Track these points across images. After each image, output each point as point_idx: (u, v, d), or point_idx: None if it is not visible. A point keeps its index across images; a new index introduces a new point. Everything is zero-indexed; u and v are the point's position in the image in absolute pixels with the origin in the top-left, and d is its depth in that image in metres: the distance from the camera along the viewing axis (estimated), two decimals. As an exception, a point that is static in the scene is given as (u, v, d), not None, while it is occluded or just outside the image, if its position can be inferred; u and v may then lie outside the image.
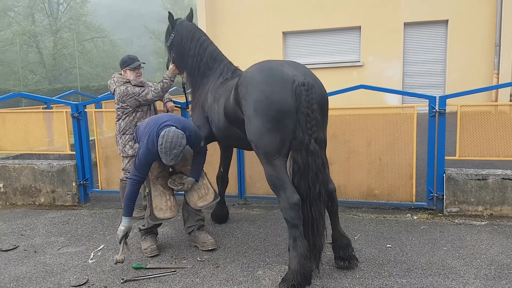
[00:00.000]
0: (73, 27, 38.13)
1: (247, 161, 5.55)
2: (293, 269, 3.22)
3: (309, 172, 3.20)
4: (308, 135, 3.16)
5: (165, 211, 3.97)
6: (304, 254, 3.21)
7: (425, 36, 12.84)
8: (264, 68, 3.42)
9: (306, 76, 3.29)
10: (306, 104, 3.14)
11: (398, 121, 5.01)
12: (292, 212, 3.21)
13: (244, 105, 3.38)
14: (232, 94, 3.64)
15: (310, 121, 3.16)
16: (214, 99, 4.16)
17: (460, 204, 4.86)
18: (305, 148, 3.17)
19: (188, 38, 4.62)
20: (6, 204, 6.11)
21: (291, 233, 3.26)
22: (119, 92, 4.92)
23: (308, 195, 3.23)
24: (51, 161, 6.10)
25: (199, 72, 4.55)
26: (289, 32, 14.00)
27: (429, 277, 3.44)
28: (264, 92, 3.22)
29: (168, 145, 3.55)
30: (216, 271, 3.68)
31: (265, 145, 3.27)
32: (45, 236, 4.74)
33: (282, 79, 3.24)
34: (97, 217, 5.36)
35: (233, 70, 4.42)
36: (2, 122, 6.31)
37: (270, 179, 3.36)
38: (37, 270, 3.86)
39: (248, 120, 3.36)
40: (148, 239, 4.15)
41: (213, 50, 4.60)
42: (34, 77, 36.09)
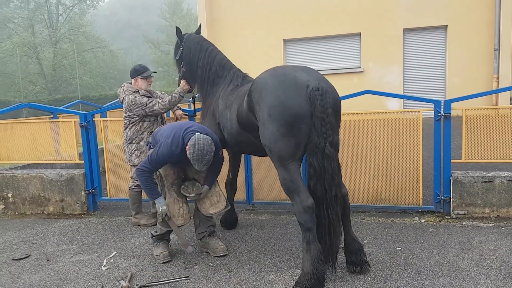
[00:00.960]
0: (73, 37, 38.30)
1: (255, 167, 5.60)
2: (307, 272, 3.27)
3: (325, 175, 3.26)
4: (323, 138, 3.22)
5: (177, 218, 4.03)
6: (318, 257, 3.25)
7: (425, 42, 12.95)
8: (277, 74, 3.47)
9: (320, 81, 3.36)
10: (321, 108, 3.21)
11: (404, 125, 5.08)
12: (306, 215, 3.26)
13: (258, 111, 3.43)
14: (245, 100, 3.69)
15: (325, 125, 3.22)
16: (225, 106, 4.22)
17: (467, 207, 4.91)
18: (320, 152, 3.23)
19: (196, 50, 4.70)
20: (15, 213, 6.15)
21: (305, 236, 3.31)
22: (127, 101, 4.99)
23: (324, 198, 3.28)
24: (60, 171, 6.15)
25: (209, 81, 4.61)
26: (290, 39, 14.10)
27: (440, 279, 3.48)
28: (279, 98, 3.28)
29: (200, 153, 3.62)
30: (229, 276, 3.72)
31: (280, 150, 3.32)
32: (56, 244, 4.78)
33: (296, 84, 3.30)
34: (106, 225, 5.40)
35: (243, 77, 4.49)
36: (11, 132, 6.37)
37: (284, 183, 3.40)
38: (51, 278, 3.90)
39: (262, 125, 3.41)
40: (160, 245, 4.19)
41: (221, 59, 4.68)
42: (34, 88, 36.20)
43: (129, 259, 4.21)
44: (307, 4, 13.65)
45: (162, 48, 43.63)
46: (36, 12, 38.79)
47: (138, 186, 5.25)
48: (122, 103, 5.14)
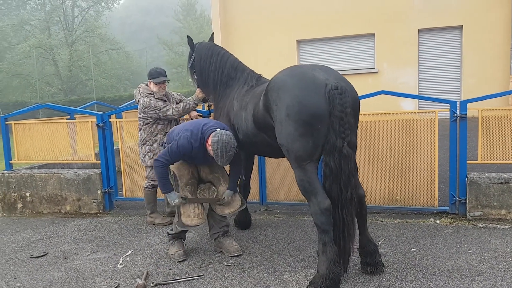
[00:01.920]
0: (88, 39, 38.76)
1: (268, 168, 5.62)
2: (322, 274, 3.27)
3: (342, 175, 3.24)
4: (341, 138, 3.21)
5: (192, 218, 4.04)
6: (334, 260, 3.25)
7: (440, 42, 12.84)
8: (295, 73, 3.45)
9: (338, 80, 3.32)
10: (340, 107, 3.18)
11: (419, 126, 5.05)
12: (323, 217, 3.26)
13: (275, 110, 3.42)
14: (262, 100, 3.69)
15: (343, 124, 3.20)
16: (240, 107, 4.22)
17: (483, 208, 4.86)
18: (337, 152, 3.21)
19: (207, 56, 4.73)
20: (32, 212, 6.26)
21: (321, 238, 3.30)
22: (142, 103, 5.06)
23: (339, 199, 3.27)
24: (77, 170, 6.25)
25: (221, 84, 4.62)
26: (304, 40, 14.10)
27: (456, 280, 3.46)
28: (297, 97, 3.25)
29: (224, 149, 3.68)
30: (243, 275, 3.74)
31: (297, 150, 3.31)
32: (73, 243, 4.86)
33: (314, 84, 3.27)
34: (122, 224, 5.47)
35: (257, 78, 4.49)
36: (29, 132, 6.49)
37: (301, 184, 3.40)
38: (69, 275, 3.97)
39: (279, 124, 3.39)
40: (175, 244, 4.23)
41: (234, 61, 4.69)
42: (51, 89, 36.71)
43: (145, 258, 4.26)
44: (321, 4, 13.64)
45: (176, 50, 43.90)
46: (52, 14, 39.34)
47: (153, 186, 5.31)
48: (138, 104, 5.21)
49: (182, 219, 4.04)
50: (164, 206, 5.66)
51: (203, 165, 4.21)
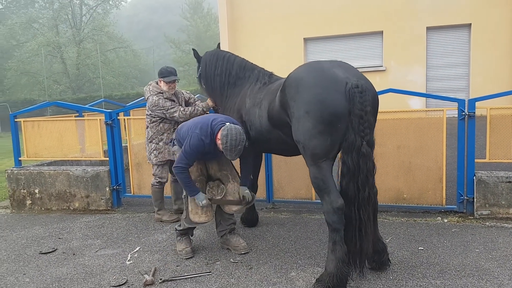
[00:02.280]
0: (96, 37, 38.97)
1: (275, 166, 5.63)
2: (330, 272, 3.28)
3: (359, 174, 3.23)
4: (360, 137, 3.20)
5: (200, 215, 4.03)
6: (342, 259, 3.25)
7: (448, 40, 12.76)
8: (314, 69, 3.42)
9: (358, 78, 3.30)
10: (360, 106, 3.17)
11: (427, 124, 5.03)
12: (335, 216, 3.26)
13: (292, 106, 3.39)
14: (278, 96, 3.64)
15: (363, 123, 3.19)
16: (253, 104, 4.17)
17: (491, 207, 4.84)
18: (356, 150, 3.21)
19: (212, 61, 4.73)
20: (41, 209, 6.32)
21: (332, 237, 3.31)
22: (151, 101, 5.09)
23: (356, 198, 3.26)
24: (85, 167, 6.30)
25: (229, 85, 4.60)
26: (310, 38, 14.07)
27: (463, 279, 3.46)
28: (318, 95, 3.23)
29: (233, 143, 3.65)
30: (250, 273, 3.76)
31: (314, 147, 3.30)
32: (82, 239, 4.91)
33: (335, 82, 3.24)
34: (130, 220, 5.51)
35: (269, 75, 4.44)
36: (38, 129, 6.55)
37: (315, 181, 3.40)
38: (77, 271, 4.01)
39: (296, 121, 3.37)
40: (183, 241, 4.26)
41: (241, 61, 4.67)
42: (59, 87, 36.97)
43: (153, 254, 4.29)
44: (328, 2, 13.59)
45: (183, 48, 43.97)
46: (60, 12, 39.58)
47: (160, 183, 5.34)
48: (147, 101, 5.24)
49: (190, 216, 4.05)
50: (171, 203, 5.70)
51: (212, 162, 4.20)
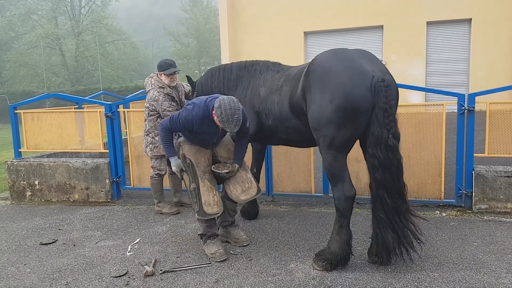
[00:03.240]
0: (95, 29, 38.80)
1: (275, 159, 5.65)
2: (333, 251, 3.50)
3: (392, 165, 3.31)
4: (386, 130, 3.26)
5: (213, 206, 3.92)
6: (347, 241, 3.48)
7: (448, 35, 12.79)
8: (343, 58, 3.42)
9: (384, 72, 3.35)
10: (385, 99, 3.23)
11: (427, 118, 5.05)
12: (346, 203, 3.44)
13: (315, 93, 3.40)
14: (302, 80, 3.61)
15: (388, 116, 3.26)
16: (271, 91, 4.10)
17: (489, 201, 4.87)
18: (384, 143, 3.27)
19: (208, 79, 4.73)
20: (41, 200, 6.33)
21: (339, 220, 3.50)
22: (151, 96, 5.11)
23: (396, 188, 3.36)
24: (85, 159, 6.31)
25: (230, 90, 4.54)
26: (311, 32, 14.07)
27: (461, 271, 3.49)
28: (344, 86, 3.25)
29: (228, 112, 3.49)
30: (250, 264, 3.79)
31: (334, 137, 3.36)
32: (82, 230, 4.93)
33: (362, 75, 3.27)
34: (130, 212, 5.53)
35: (278, 64, 4.40)
36: (37, 121, 6.54)
37: (329, 169, 3.49)
38: (78, 262, 4.03)
39: (317, 108, 3.39)
40: (214, 244, 4.01)
41: (239, 63, 4.63)
42: (57, 79, 36.91)
43: (153, 246, 4.32)
44: (328, -4, 13.58)
45: (182, 41, 43.85)
46: (59, 4, 39.40)
47: (158, 175, 5.36)
48: (147, 93, 5.25)
49: (204, 208, 3.90)
50: (171, 196, 5.72)
51: (221, 150, 4.11)
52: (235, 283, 3.44)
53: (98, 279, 3.63)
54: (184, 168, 4.07)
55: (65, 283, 3.58)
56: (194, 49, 43.75)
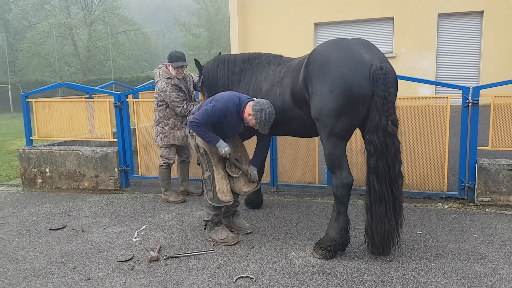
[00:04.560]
0: (107, 20, 39.00)
1: (280, 150, 5.72)
2: (331, 237, 3.60)
3: (388, 152, 3.39)
4: (385, 117, 3.34)
5: (226, 194, 4.03)
6: (345, 227, 3.58)
7: (460, 28, 12.66)
8: (342, 48, 3.51)
9: (382, 60, 3.44)
10: (384, 87, 3.31)
11: (431, 111, 5.07)
12: (344, 190, 3.54)
13: (316, 83, 3.50)
14: (302, 71, 3.70)
15: (387, 103, 3.34)
16: (272, 84, 4.18)
17: (492, 194, 4.90)
18: (382, 130, 3.36)
19: (214, 68, 4.76)
20: (52, 187, 6.49)
21: (337, 207, 3.59)
22: (160, 87, 5.21)
23: (387, 175, 3.42)
24: (95, 148, 6.44)
25: (234, 83, 4.59)
26: (321, 23, 14.03)
27: (458, 262, 3.55)
28: (344, 76, 3.35)
29: (267, 117, 3.81)
30: (252, 251, 3.88)
31: (334, 126, 3.46)
32: (90, 217, 5.07)
33: (361, 64, 3.36)
34: (138, 200, 5.66)
35: (279, 57, 4.46)
36: (49, 110, 6.69)
37: (329, 157, 3.59)
38: (86, 247, 4.16)
39: (318, 98, 3.49)
40: (223, 229, 4.16)
41: (243, 55, 4.68)
42: (70, 68, 37.22)
43: (158, 232, 4.44)
44: (339, -13, 13.50)
45: (193, 31, 43.87)
46: (71, -7, 39.61)
47: (167, 163, 5.47)
48: (156, 84, 5.35)
49: (218, 195, 3.99)
50: (178, 185, 5.83)
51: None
52: (237, 269, 3.54)
53: (105, 263, 3.75)
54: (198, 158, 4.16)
55: (72, 267, 3.71)
56: (205, 40, 43.80)
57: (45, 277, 3.54)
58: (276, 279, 3.34)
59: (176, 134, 5.34)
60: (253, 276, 3.39)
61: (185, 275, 3.47)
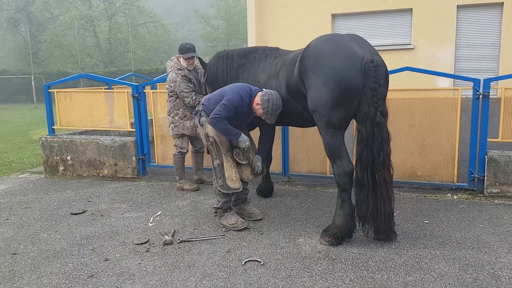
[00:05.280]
0: (127, 11, 39.44)
1: (292, 141, 5.83)
2: (338, 224, 3.74)
3: (374, 142, 3.52)
4: (374, 108, 3.49)
5: (235, 181, 4.21)
6: (350, 214, 3.70)
7: (479, 19, 12.48)
8: (334, 43, 3.67)
9: (373, 54, 3.58)
10: (374, 79, 3.46)
11: (442, 103, 5.12)
12: (346, 178, 3.67)
13: (311, 77, 3.66)
14: (297, 66, 3.88)
15: (376, 95, 3.48)
16: (269, 77, 4.36)
17: (501, 185, 4.94)
18: (370, 120, 3.50)
19: (214, 64, 4.92)
20: (73, 175, 6.75)
21: (341, 195, 3.73)
22: (170, 78, 5.39)
23: (371, 163, 3.56)
24: (114, 137, 6.67)
25: (232, 78, 4.75)
26: (338, 14, 13.99)
27: (462, 250, 3.63)
28: (336, 69, 3.50)
29: (274, 107, 3.97)
30: (261, 237, 4.03)
31: (330, 118, 3.61)
32: (109, 202, 5.29)
33: (353, 57, 3.51)
34: (154, 188, 5.87)
35: (276, 49, 4.61)
36: (70, 100, 6.93)
37: (328, 148, 3.74)
38: (104, 230, 4.37)
39: (313, 91, 3.65)
40: (232, 215, 4.32)
41: (240, 50, 4.83)
42: (91, 60, 37.85)
43: (173, 218, 4.62)
44: (357, -22, 13.43)
45: (212, 23, 43.99)
46: (93, -14, 40.12)
47: (181, 153, 5.65)
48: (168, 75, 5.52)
49: (227, 182, 4.16)
50: (192, 174, 6.01)
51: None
52: (246, 253, 3.70)
53: (122, 246, 3.95)
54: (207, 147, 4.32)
55: (91, 248, 3.92)
56: (223, 32, 43.88)
57: (65, 257, 3.76)
58: (283, 263, 3.48)
59: (186, 124, 5.51)
60: (261, 260, 3.54)
61: (197, 257, 3.65)
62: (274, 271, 3.36)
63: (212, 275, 3.33)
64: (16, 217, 4.85)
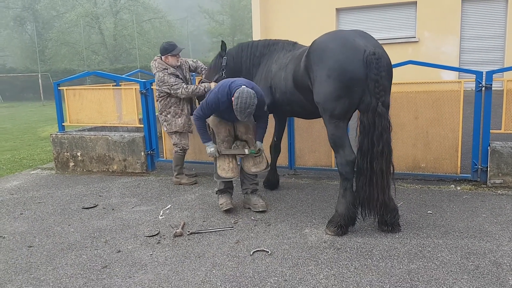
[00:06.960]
0: (132, 8, 39.56)
1: (297, 134, 5.94)
2: (341, 213, 3.86)
3: (375, 131, 3.64)
4: (376, 98, 3.60)
5: (227, 171, 4.52)
6: (352, 202, 3.82)
7: (484, 12, 12.43)
8: (337, 38, 3.83)
9: (376, 46, 3.69)
10: (376, 71, 3.57)
11: (445, 96, 5.19)
12: (348, 167, 3.79)
13: (316, 71, 3.80)
14: (303, 60, 4.05)
15: (378, 86, 3.59)
16: (279, 68, 4.60)
17: (504, 176, 5.01)
18: (372, 110, 3.62)
19: (238, 52, 5.12)
20: (83, 170, 6.90)
21: (343, 185, 3.85)
22: (158, 78, 5.55)
23: (370, 152, 3.68)
24: (123, 133, 6.80)
25: (254, 66, 4.99)
26: (343, 8, 13.99)
27: (465, 239, 3.72)
28: (339, 61, 3.63)
29: (243, 105, 4.03)
30: (268, 229, 4.15)
31: (333, 109, 3.73)
32: (120, 197, 5.42)
33: (355, 50, 3.64)
34: (163, 182, 6.00)
35: (293, 44, 4.86)
36: (79, 97, 7.07)
37: (332, 138, 3.87)
38: (116, 223, 4.51)
39: (318, 84, 3.78)
40: (223, 196, 4.73)
41: (265, 41, 5.06)
42: (97, 57, 38.01)
43: (182, 211, 4.75)
44: (361, -29, 13.42)
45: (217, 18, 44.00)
46: (98, -17, 40.22)
47: (183, 149, 5.82)
48: (154, 76, 5.66)
49: (218, 171, 4.55)
50: (190, 169, 6.14)
51: (240, 126, 4.60)
52: (254, 244, 3.81)
53: (133, 238, 4.09)
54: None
55: (104, 241, 4.05)
56: (228, 27, 43.90)
57: (79, 250, 3.89)
58: (290, 253, 3.60)
59: (177, 121, 5.67)
60: (269, 250, 3.66)
61: (206, 248, 3.77)
62: (281, 260, 3.48)
63: (222, 265, 3.45)
64: (30, 212, 5.00)
